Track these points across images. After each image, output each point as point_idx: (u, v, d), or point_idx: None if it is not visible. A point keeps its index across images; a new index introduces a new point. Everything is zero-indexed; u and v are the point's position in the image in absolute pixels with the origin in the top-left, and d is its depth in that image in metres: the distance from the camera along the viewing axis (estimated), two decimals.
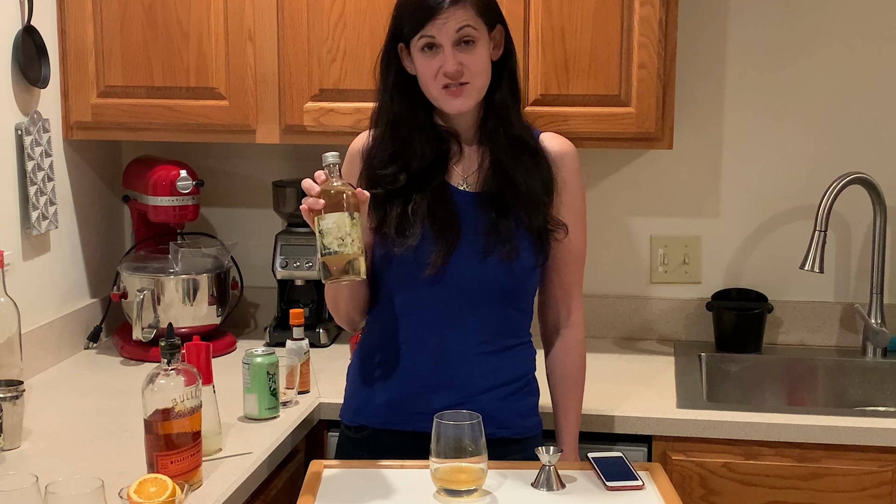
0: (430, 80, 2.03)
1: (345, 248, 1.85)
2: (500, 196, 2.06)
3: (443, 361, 2.07)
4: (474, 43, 2.02)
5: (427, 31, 2.00)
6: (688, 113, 2.84)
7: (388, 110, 2.09)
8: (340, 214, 1.85)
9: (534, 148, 2.11)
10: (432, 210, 2.05)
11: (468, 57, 2.01)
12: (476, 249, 2.04)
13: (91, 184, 2.88)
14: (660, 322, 2.95)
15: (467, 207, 2.07)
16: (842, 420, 2.29)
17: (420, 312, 2.07)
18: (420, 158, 2.07)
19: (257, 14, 2.60)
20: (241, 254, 2.95)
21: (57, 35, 2.66)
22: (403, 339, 2.09)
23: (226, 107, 2.64)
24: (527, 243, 2.06)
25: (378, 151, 2.09)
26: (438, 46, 2.01)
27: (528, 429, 2.12)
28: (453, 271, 2.03)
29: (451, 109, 2.06)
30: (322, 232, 1.86)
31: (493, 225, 2.04)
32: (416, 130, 2.08)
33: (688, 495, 2.31)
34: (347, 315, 2.15)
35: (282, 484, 2.19)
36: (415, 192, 2.06)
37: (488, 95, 2.08)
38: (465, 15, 2.00)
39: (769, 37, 2.82)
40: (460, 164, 2.12)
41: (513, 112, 2.10)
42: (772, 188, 2.88)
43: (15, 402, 2.05)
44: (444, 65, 2.00)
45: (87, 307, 2.83)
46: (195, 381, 1.86)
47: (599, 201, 2.91)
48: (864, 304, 2.79)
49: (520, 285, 2.10)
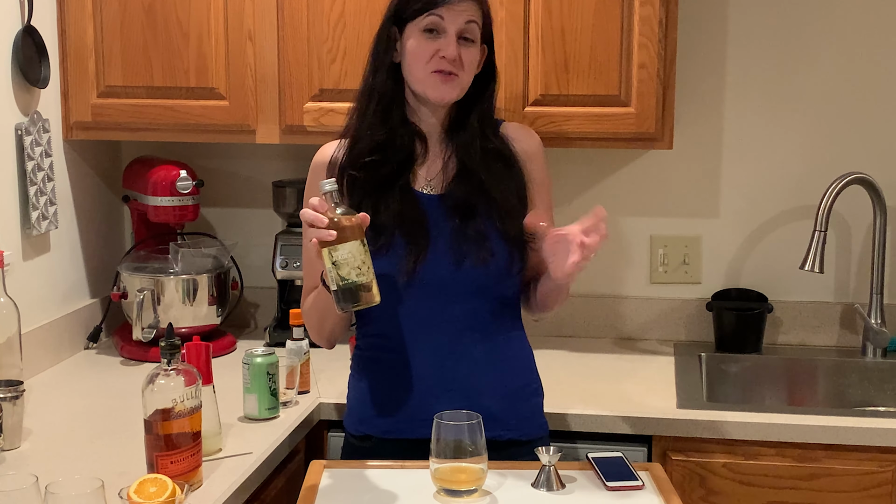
0: (423, 61, 2.03)
1: (362, 277, 1.83)
2: (467, 201, 2.05)
3: (443, 367, 2.05)
4: (473, 42, 2.04)
5: (439, 11, 2.01)
6: (688, 113, 2.84)
7: (381, 92, 2.07)
8: (353, 244, 1.82)
9: (504, 155, 2.10)
10: (402, 216, 2.03)
11: (465, 51, 2.03)
12: (448, 252, 2.03)
13: (91, 184, 2.89)
14: (660, 322, 2.95)
15: (433, 211, 2.06)
16: (842, 420, 2.29)
17: (406, 316, 2.05)
18: (397, 152, 2.07)
19: (257, 14, 2.60)
20: (241, 254, 2.95)
21: (57, 35, 2.66)
22: (396, 346, 2.07)
23: (226, 107, 2.64)
24: (502, 247, 2.04)
25: (366, 136, 2.07)
26: (441, 32, 2.01)
27: (534, 430, 2.12)
28: (429, 274, 2.02)
29: (436, 94, 2.04)
30: (337, 264, 1.83)
31: (462, 229, 2.03)
32: (402, 121, 2.08)
33: (688, 495, 2.31)
34: (331, 335, 2.14)
35: (282, 484, 2.19)
36: (384, 192, 2.04)
37: (465, 106, 2.08)
38: (475, 11, 2.04)
39: (769, 37, 2.82)
40: (423, 167, 2.11)
41: (475, 121, 2.09)
42: (772, 188, 2.88)
43: (15, 402, 2.05)
44: (446, 48, 2.01)
45: (87, 307, 2.83)
46: (195, 382, 1.86)
47: (599, 201, 2.88)
48: (864, 304, 2.79)
49: (499, 282, 2.07)
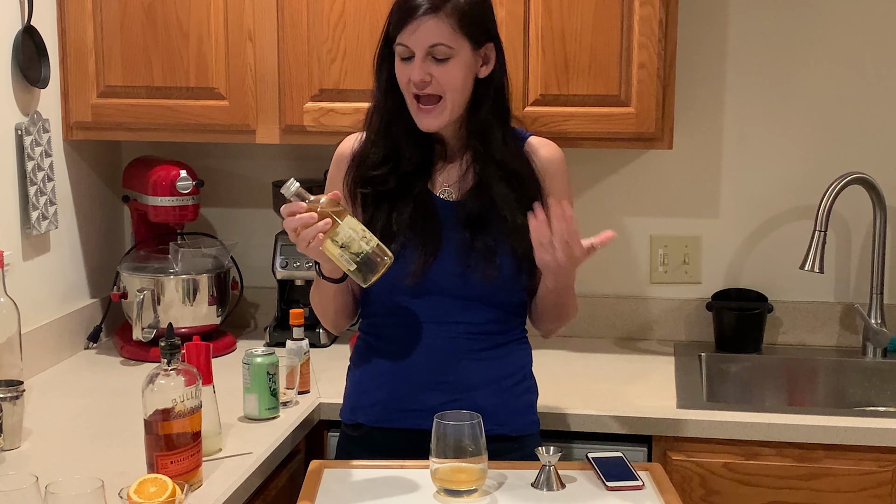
0: (403, 87, 2.01)
1: (371, 243, 1.88)
2: (479, 213, 2.04)
3: (434, 359, 2.06)
4: (448, 59, 1.97)
5: (402, 38, 1.98)
6: (688, 113, 2.84)
7: (381, 109, 2.08)
8: (347, 220, 1.88)
9: (519, 171, 2.06)
10: (415, 219, 2.04)
11: (438, 70, 1.97)
12: (456, 262, 2.03)
13: (91, 184, 2.88)
14: (660, 322, 2.95)
15: (448, 217, 2.06)
16: (842, 420, 2.29)
17: (407, 316, 2.06)
18: (409, 160, 2.06)
19: (257, 14, 2.60)
20: (241, 254, 2.95)
21: (57, 35, 2.66)
22: (394, 340, 2.09)
23: (226, 107, 2.64)
24: (509, 261, 2.04)
25: (371, 152, 2.08)
26: (412, 57, 1.98)
27: (525, 426, 2.12)
28: (434, 280, 2.02)
29: (421, 127, 2.02)
30: (345, 245, 1.87)
31: (472, 240, 2.03)
32: (406, 132, 2.06)
33: (688, 495, 2.31)
34: (335, 318, 2.16)
35: (282, 484, 2.19)
36: (399, 198, 2.05)
37: (472, 112, 2.05)
38: (439, 30, 1.95)
39: (769, 37, 2.82)
40: (443, 171, 2.10)
41: (497, 133, 2.05)
42: (772, 188, 2.88)
43: (15, 402, 2.05)
44: (412, 73, 1.97)
45: (87, 307, 2.83)
46: (195, 382, 1.86)
47: (599, 201, 2.91)
48: (864, 304, 2.79)
49: (504, 294, 2.07)
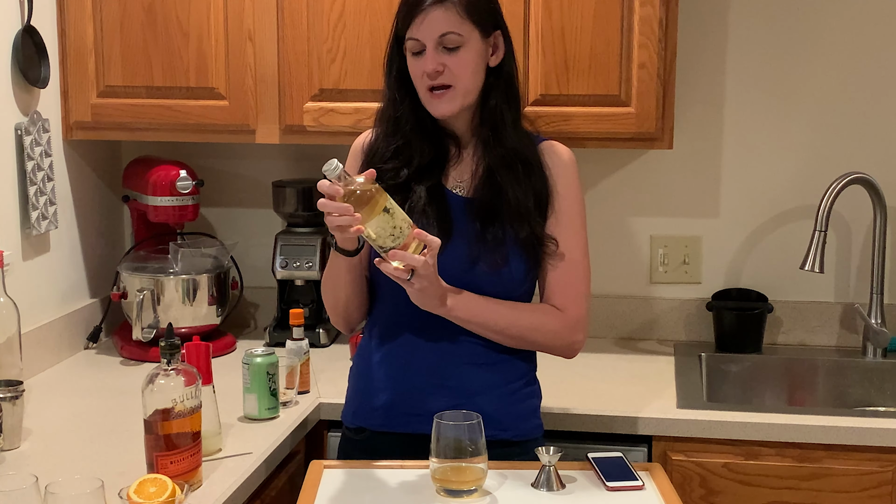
0: (417, 81, 2.03)
1: (398, 240, 1.84)
2: (489, 204, 2.05)
3: (439, 364, 2.05)
4: (459, 47, 2.00)
5: (411, 32, 2.00)
6: (688, 113, 2.84)
7: (391, 106, 2.09)
8: (378, 218, 1.82)
9: (528, 159, 2.07)
10: (426, 211, 2.03)
11: (451, 59, 1.99)
12: (463, 256, 2.02)
13: (91, 184, 2.88)
14: (660, 322, 2.95)
15: (459, 212, 2.06)
16: (842, 420, 2.29)
17: (413, 316, 2.03)
18: (420, 155, 2.06)
19: (257, 14, 2.60)
20: (241, 254, 2.95)
21: (57, 35, 2.66)
22: (399, 342, 2.08)
23: (226, 107, 2.64)
24: (516, 253, 2.04)
25: (381, 147, 2.09)
26: (423, 50, 2.00)
27: (528, 431, 2.10)
28: (442, 272, 1.98)
29: (434, 113, 2.04)
30: (373, 239, 1.84)
31: (481, 233, 2.03)
32: (418, 128, 2.07)
33: (688, 495, 2.31)
34: (346, 307, 2.12)
35: (281, 484, 2.19)
36: (411, 191, 2.05)
37: (483, 101, 2.07)
38: (447, 19, 1.98)
39: (769, 37, 2.82)
40: (457, 167, 2.11)
41: (508, 120, 2.06)
42: (772, 188, 2.88)
43: (15, 402, 2.05)
44: (425, 66, 2.00)
45: (86, 307, 2.83)
46: (195, 382, 1.86)
47: (599, 201, 2.91)
48: (864, 304, 2.79)
49: (510, 293, 2.06)
